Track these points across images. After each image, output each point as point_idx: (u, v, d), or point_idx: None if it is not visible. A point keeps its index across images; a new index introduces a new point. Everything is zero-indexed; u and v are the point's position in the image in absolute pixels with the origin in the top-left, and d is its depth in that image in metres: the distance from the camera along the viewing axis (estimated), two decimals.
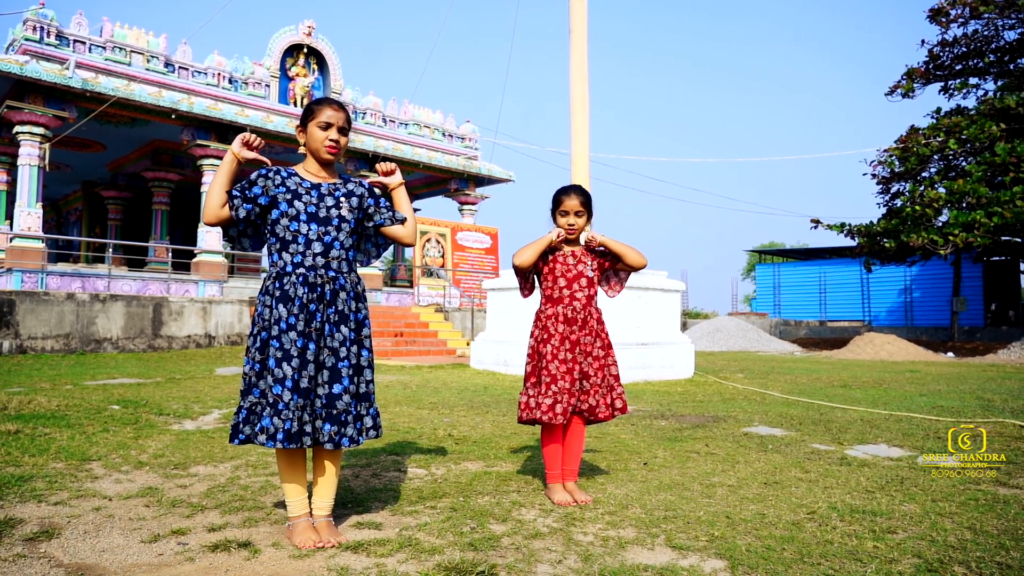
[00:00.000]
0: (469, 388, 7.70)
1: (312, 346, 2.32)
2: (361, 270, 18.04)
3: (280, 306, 2.35)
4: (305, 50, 16.82)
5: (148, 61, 14.06)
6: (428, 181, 20.74)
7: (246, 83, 15.67)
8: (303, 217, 2.40)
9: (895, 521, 2.61)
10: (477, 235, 20.52)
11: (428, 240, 19.76)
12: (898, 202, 19.81)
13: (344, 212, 2.46)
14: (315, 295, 2.36)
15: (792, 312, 32.57)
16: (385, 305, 16.81)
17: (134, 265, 17.35)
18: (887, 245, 18.74)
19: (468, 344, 13.29)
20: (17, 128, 12.52)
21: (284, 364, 2.29)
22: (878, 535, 2.43)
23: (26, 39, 12.48)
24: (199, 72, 14.95)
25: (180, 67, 14.65)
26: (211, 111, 14.20)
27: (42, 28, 12.66)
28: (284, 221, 2.39)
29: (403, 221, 2.60)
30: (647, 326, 9.61)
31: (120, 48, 13.68)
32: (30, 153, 12.54)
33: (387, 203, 2.61)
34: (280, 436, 2.25)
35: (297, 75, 16.73)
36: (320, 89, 17.20)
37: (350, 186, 2.55)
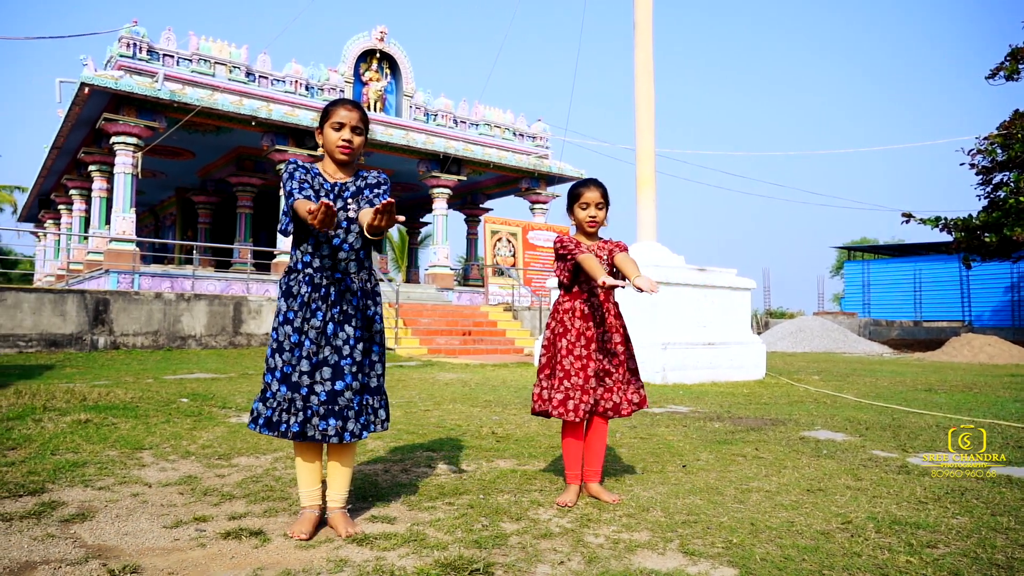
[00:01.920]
0: (527, 387, 7.68)
1: (308, 343, 2.35)
2: (432, 269, 18.35)
3: (283, 300, 2.41)
4: (378, 55, 17.24)
5: (231, 71, 14.76)
6: (499, 181, 20.86)
7: (322, 89, 16.20)
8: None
9: (939, 535, 2.41)
10: (548, 234, 20.47)
11: (499, 239, 19.87)
12: (1001, 193, 18.40)
13: (352, 214, 2.47)
14: (319, 295, 2.40)
15: (883, 312, 30.88)
16: (456, 304, 17.01)
17: (221, 266, 18.25)
18: (988, 240, 17.49)
19: (535, 343, 13.28)
20: (113, 139, 13.40)
21: (277, 355, 2.37)
22: (915, 549, 2.25)
23: (120, 55, 13.34)
24: (278, 80, 15.57)
25: (260, 76, 15.31)
26: (288, 117, 14.77)
27: (135, 44, 13.51)
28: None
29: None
30: (714, 325, 9.32)
31: (205, 60, 14.43)
32: (124, 162, 13.40)
33: (377, 195, 2.52)
34: (261, 421, 2.35)
35: (370, 80, 17.17)
36: (393, 93, 17.59)
37: (359, 183, 2.55)
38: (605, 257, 3.01)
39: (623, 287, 2.80)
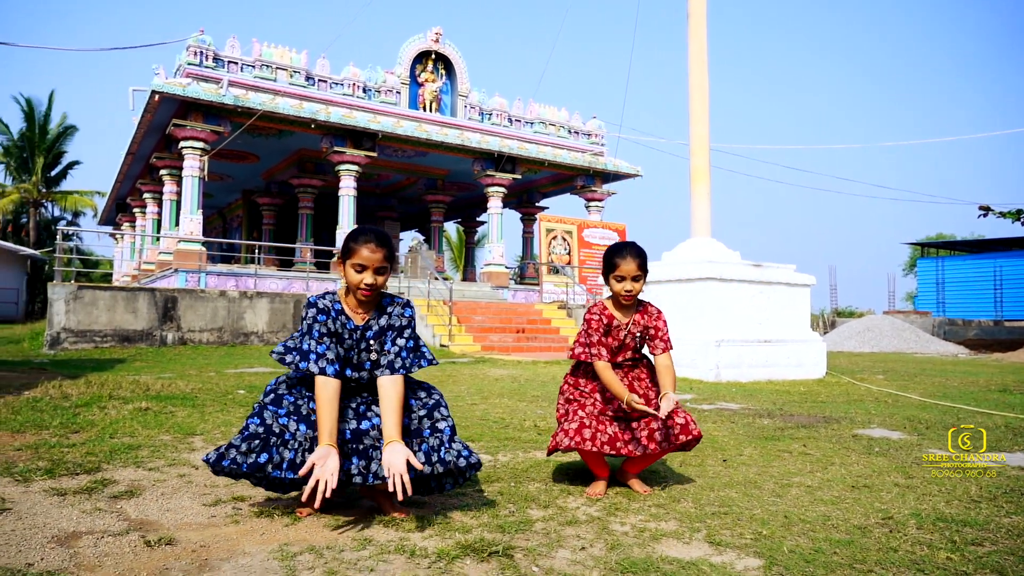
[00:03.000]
0: None
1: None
2: (487, 268, 18.46)
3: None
4: (433, 56, 17.46)
5: (291, 76, 15.22)
6: (554, 179, 20.83)
7: (378, 91, 16.53)
8: (337, 364, 2.46)
9: (987, 533, 2.29)
10: (604, 232, 20.32)
11: (554, 238, 19.83)
12: None
13: (374, 355, 2.48)
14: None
15: (960, 310, 29.41)
16: (510, 302, 17.08)
17: (284, 265, 18.83)
18: None
19: None
20: (181, 143, 14.01)
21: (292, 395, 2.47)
22: (957, 546, 2.15)
23: (188, 63, 13.93)
24: (336, 83, 15.97)
25: (319, 80, 15.73)
26: (346, 119, 15.12)
27: (201, 53, 14.08)
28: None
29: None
30: (771, 322, 9.07)
31: (267, 66, 14.91)
32: (192, 165, 13.99)
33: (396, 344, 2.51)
34: (285, 466, 2.39)
35: (426, 80, 17.41)
36: (448, 93, 17.78)
37: (383, 320, 2.52)
38: (638, 335, 2.88)
39: (655, 415, 2.67)
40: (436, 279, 14.74)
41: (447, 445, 2.41)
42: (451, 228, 34.31)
